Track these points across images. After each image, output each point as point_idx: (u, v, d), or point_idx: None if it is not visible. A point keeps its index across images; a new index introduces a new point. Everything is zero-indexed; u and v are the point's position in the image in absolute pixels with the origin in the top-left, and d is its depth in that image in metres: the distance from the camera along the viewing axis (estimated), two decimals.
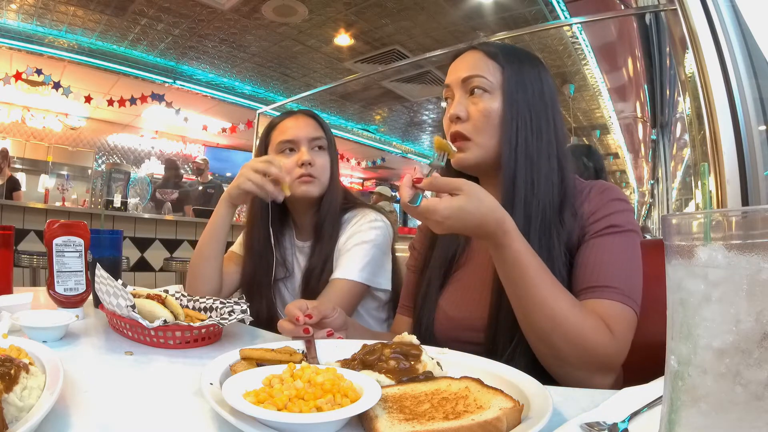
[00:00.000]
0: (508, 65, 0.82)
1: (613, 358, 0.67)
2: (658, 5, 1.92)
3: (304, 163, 1.13)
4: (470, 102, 0.82)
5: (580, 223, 0.77)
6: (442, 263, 0.88)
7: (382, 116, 7.58)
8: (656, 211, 4.04)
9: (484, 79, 0.81)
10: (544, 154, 0.79)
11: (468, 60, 0.85)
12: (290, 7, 4.22)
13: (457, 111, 0.82)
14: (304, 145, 1.15)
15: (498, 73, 0.82)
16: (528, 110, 0.80)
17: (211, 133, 7.42)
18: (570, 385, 0.66)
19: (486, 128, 0.81)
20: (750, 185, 1.39)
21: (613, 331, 0.67)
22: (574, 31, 4.14)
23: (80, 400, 0.51)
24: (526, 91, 0.81)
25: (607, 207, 0.77)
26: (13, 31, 4.71)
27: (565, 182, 0.80)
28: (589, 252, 0.74)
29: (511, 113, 0.80)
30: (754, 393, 0.28)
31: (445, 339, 0.82)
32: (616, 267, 0.72)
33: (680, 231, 0.32)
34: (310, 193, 1.13)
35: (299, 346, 0.68)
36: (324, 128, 1.20)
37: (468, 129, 0.81)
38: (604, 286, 0.70)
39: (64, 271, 0.89)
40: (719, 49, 1.47)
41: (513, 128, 0.79)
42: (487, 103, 0.81)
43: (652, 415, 0.47)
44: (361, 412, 0.44)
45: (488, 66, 0.82)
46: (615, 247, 0.73)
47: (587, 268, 0.73)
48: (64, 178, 6.08)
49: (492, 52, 0.83)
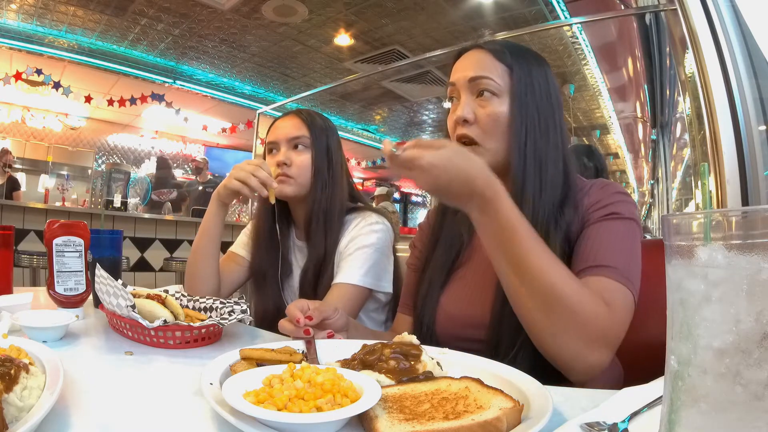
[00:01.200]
0: (516, 66, 0.80)
1: (609, 331, 0.66)
2: (658, 5, 1.92)
3: (279, 164, 1.14)
4: (477, 104, 0.80)
5: (580, 215, 0.77)
6: (444, 261, 0.88)
7: (382, 116, 7.57)
8: (656, 211, 4.04)
9: (493, 82, 0.79)
10: (551, 157, 0.79)
11: (475, 59, 0.82)
12: (290, 7, 4.22)
13: (465, 113, 0.80)
14: (283, 146, 1.16)
15: (506, 75, 0.80)
16: (536, 113, 0.79)
17: (211, 133, 7.41)
18: (565, 361, 0.65)
19: (495, 132, 0.79)
20: (750, 185, 1.39)
21: (609, 304, 0.66)
22: (574, 31, 4.14)
23: (80, 400, 0.51)
24: (534, 93, 0.80)
25: (609, 197, 0.77)
26: (13, 31, 4.70)
27: (569, 182, 0.80)
28: (588, 234, 0.74)
29: (521, 117, 0.78)
30: (754, 393, 0.28)
31: (447, 337, 0.82)
32: (615, 249, 0.71)
33: (680, 231, 0.32)
34: (284, 192, 1.14)
35: (299, 346, 0.68)
36: (310, 126, 1.18)
37: (476, 133, 0.80)
38: (602, 265, 0.70)
39: (64, 271, 0.89)
40: (719, 49, 1.47)
41: (522, 133, 0.78)
42: (495, 106, 0.79)
43: (652, 415, 0.47)
44: (361, 412, 0.44)
45: (496, 67, 0.80)
46: (615, 231, 0.73)
47: (586, 249, 0.72)
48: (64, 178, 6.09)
49: (500, 53, 0.81)
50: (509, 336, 0.74)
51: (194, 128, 7.11)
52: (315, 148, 1.17)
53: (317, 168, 1.16)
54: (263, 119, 4.07)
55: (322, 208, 1.15)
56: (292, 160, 1.15)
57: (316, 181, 1.16)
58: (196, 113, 6.76)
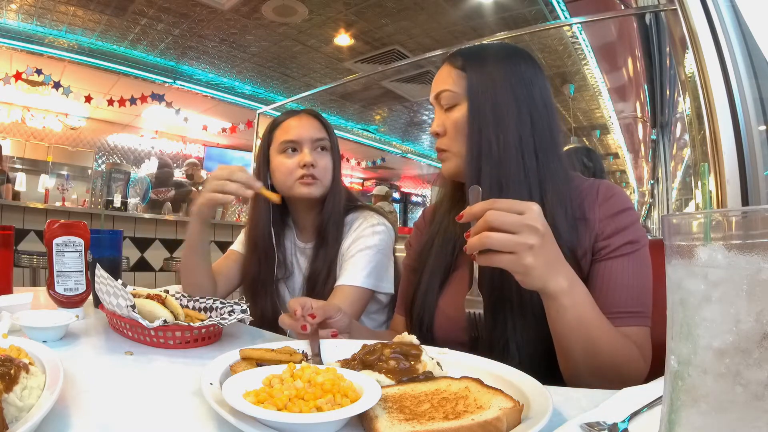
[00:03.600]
0: (470, 70, 0.81)
1: (642, 376, 0.69)
2: (658, 5, 1.92)
3: (306, 165, 1.12)
4: (446, 116, 0.84)
5: (590, 230, 0.76)
6: (441, 263, 0.87)
7: (382, 116, 7.57)
8: (656, 211, 4.04)
9: (449, 92, 0.82)
10: (512, 153, 0.76)
11: (439, 75, 0.86)
12: (290, 7, 4.22)
13: (435, 128, 0.85)
14: (307, 146, 1.14)
15: (462, 81, 0.82)
16: (492, 109, 0.78)
17: (211, 133, 7.41)
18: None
19: (457, 137, 0.82)
20: (750, 185, 1.39)
21: (644, 358, 0.70)
22: (574, 31, 4.13)
23: (80, 400, 0.51)
24: (487, 90, 0.79)
25: (619, 220, 0.76)
26: (13, 31, 4.70)
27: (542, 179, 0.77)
28: (611, 273, 0.74)
29: (473, 117, 0.79)
30: (754, 393, 0.28)
31: (445, 339, 0.81)
32: (640, 289, 0.73)
33: (680, 231, 0.32)
34: (311, 195, 1.13)
35: (299, 346, 0.68)
36: (327, 129, 1.19)
37: (445, 143, 0.84)
38: (633, 312, 0.72)
39: (64, 271, 0.89)
40: (719, 49, 1.47)
41: (475, 132, 0.78)
42: (456, 113, 0.82)
43: (652, 415, 0.47)
44: (361, 412, 0.44)
45: (452, 76, 0.83)
46: (636, 268, 0.74)
47: (616, 291, 0.73)
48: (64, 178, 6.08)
49: (455, 61, 0.83)
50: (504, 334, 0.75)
51: (194, 128, 7.11)
52: (333, 151, 1.19)
53: (335, 170, 1.18)
54: (263, 119, 4.08)
55: (336, 209, 1.16)
56: (317, 161, 1.14)
57: (335, 183, 1.17)
58: (196, 113, 6.75)
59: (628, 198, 0.80)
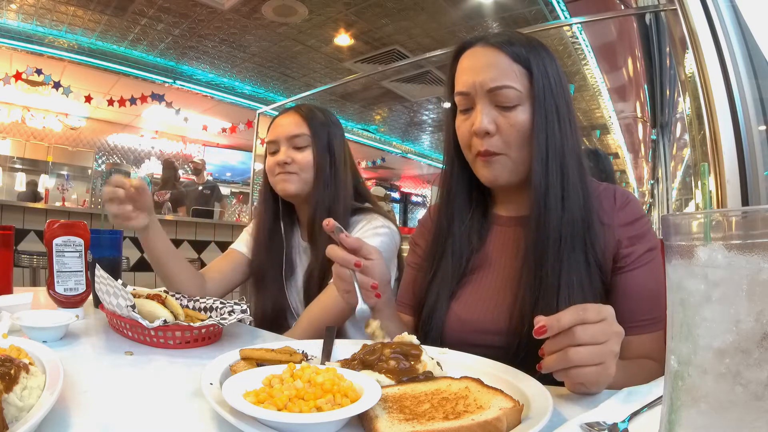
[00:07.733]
0: (535, 68, 0.74)
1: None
2: (658, 5, 1.92)
3: (279, 162, 1.13)
4: (498, 113, 0.75)
5: (611, 235, 0.75)
6: (454, 269, 0.83)
7: (382, 116, 7.58)
8: (656, 211, 4.04)
9: (515, 90, 0.73)
10: (572, 161, 0.74)
11: (488, 62, 0.75)
12: (290, 7, 4.22)
13: (487, 126, 0.74)
14: (284, 145, 1.15)
15: (526, 80, 0.74)
16: (556, 115, 0.74)
17: (211, 133, 7.42)
18: None
19: (518, 142, 0.75)
20: (750, 185, 1.39)
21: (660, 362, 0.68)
22: (574, 31, 4.14)
23: (80, 400, 0.51)
24: (552, 94, 0.74)
25: (637, 228, 0.76)
26: (13, 31, 4.71)
27: (585, 185, 0.75)
28: (634, 284, 0.73)
29: (540, 123, 0.73)
30: (754, 393, 0.28)
31: (456, 342, 0.78)
32: (659, 296, 0.73)
33: (680, 231, 0.32)
34: (286, 191, 1.13)
35: (299, 346, 0.68)
36: (310, 123, 1.15)
37: (499, 145, 0.75)
38: (654, 318, 0.72)
39: (64, 271, 0.89)
40: (719, 49, 1.47)
41: (543, 140, 0.73)
42: (518, 115, 0.74)
43: (652, 415, 0.47)
44: (361, 412, 0.44)
45: (515, 72, 0.74)
46: (655, 276, 0.74)
47: (640, 302, 0.72)
48: (64, 178, 6.09)
49: (517, 54, 0.74)
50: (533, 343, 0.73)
51: (194, 128, 7.12)
52: (316, 145, 1.14)
53: (319, 165, 1.13)
54: (263, 119, 4.08)
55: (325, 207, 1.12)
56: (293, 158, 1.13)
57: (319, 179, 1.13)
58: (196, 113, 6.76)
59: (640, 204, 0.80)
